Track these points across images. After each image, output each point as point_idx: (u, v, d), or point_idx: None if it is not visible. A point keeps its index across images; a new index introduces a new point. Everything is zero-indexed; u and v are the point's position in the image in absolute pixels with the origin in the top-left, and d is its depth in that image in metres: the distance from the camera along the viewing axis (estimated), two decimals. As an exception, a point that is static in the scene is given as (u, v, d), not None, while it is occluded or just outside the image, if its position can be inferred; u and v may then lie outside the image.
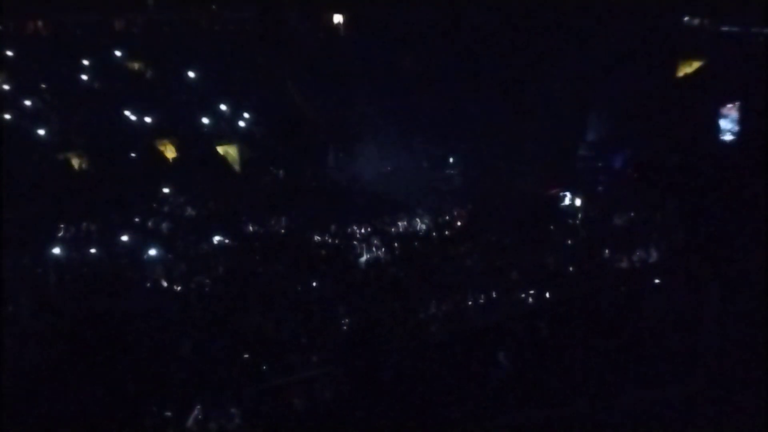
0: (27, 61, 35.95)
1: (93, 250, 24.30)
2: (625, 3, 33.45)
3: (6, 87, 34.51)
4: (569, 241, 23.22)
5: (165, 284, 21.34)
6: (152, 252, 23.21)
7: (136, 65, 39.21)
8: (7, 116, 32.48)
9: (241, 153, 35.18)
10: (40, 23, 39.44)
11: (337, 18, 45.31)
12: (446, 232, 25.09)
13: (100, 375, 5.11)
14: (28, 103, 33.66)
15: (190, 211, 28.07)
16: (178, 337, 17.00)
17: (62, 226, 25.67)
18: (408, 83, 36.63)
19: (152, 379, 14.77)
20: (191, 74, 38.12)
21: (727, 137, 28.39)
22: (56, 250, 24.10)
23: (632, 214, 24.76)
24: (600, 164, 28.73)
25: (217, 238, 24.66)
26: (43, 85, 35.38)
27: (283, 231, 25.95)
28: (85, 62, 37.03)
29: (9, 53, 35.95)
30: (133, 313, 18.60)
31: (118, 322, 17.20)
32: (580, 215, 25.83)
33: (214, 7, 42.90)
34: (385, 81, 35.89)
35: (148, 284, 21.58)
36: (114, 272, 22.29)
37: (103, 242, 24.74)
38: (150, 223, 26.42)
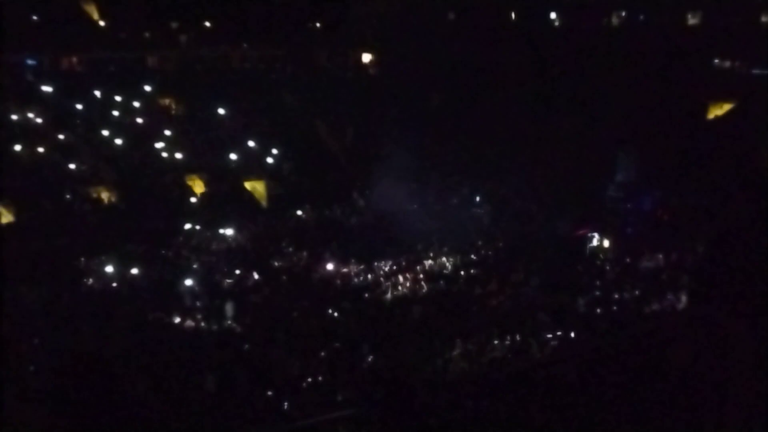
0: (61, 95, 36.59)
1: (120, 283, 24.41)
2: (656, 45, 33.45)
3: (40, 120, 35.11)
4: (597, 283, 22.90)
5: (190, 319, 21.34)
6: (178, 286, 23.25)
7: (167, 101, 39.80)
8: (40, 149, 32.97)
9: (269, 189, 35.34)
10: (74, 59, 40.22)
11: (366, 56, 45.73)
12: (473, 271, 24.87)
13: (120, 409, 4.99)
14: (60, 136, 34.15)
15: (216, 245, 28.13)
16: (201, 373, 16.95)
17: (90, 258, 25.83)
18: (435, 121, 36.72)
19: (175, 414, 14.69)
20: (221, 111, 38.54)
21: (757, 180, 28.01)
22: (84, 282, 24.27)
23: (661, 257, 24.42)
24: (629, 206, 28.40)
25: (243, 273, 24.65)
26: (76, 120, 35.94)
27: (309, 267, 25.88)
28: (118, 98, 37.61)
29: (44, 88, 36.61)
30: (157, 347, 18.61)
31: (141, 356, 17.21)
32: (608, 257, 25.49)
33: (245, 45, 43.51)
34: (413, 119, 35.99)
35: (173, 318, 21.59)
36: (139, 306, 22.34)
37: (130, 276, 24.85)
38: (177, 258, 26.50)
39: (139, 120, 37.22)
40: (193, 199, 33.05)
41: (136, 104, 38.16)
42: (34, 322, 19.84)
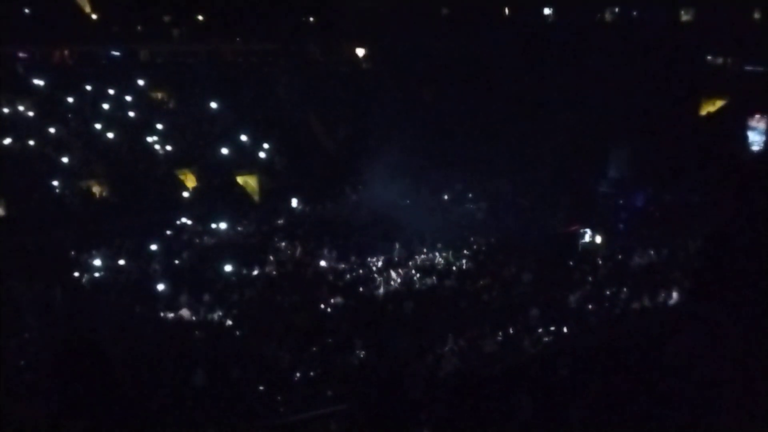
0: (52, 89, 36.36)
1: (111, 277, 24.31)
2: (648, 42, 33.48)
3: (31, 114, 34.91)
4: (589, 278, 22.95)
5: (181, 313, 21.26)
6: (169, 281, 23.14)
7: (159, 95, 39.64)
8: (31, 142, 32.79)
9: (261, 183, 35.27)
10: (66, 52, 39.99)
11: (359, 51, 45.68)
12: (465, 267, 24.89)
13: (111, 403, 4.94)
14: (52, 130, 33.96)
15: (208, 240, 28.05)
16: (192, 367, 16.89)
17: (82, 252, 25.71)
18: (429, 116, 36.69)
19: (165, 409, 14.65)
20: (213, 105, 38.42)
21: (750, 177, 28.07)
22: (75, 276, 24.16)
23: (653, 253, 24.50)
24: (621, 202, 28.48)
25: (234, 268, 24.57)
26: (68, 113, 35.74)
27: (300, 262, 25.82)
28: (110, 91, 37.41)
29: (35, 81, 36.39)
30: (148, 342, 18.54)
31: (131, 350, 17.14)
32: (600, 253, 25.53)
33: (237, 39, 43.35)
34: (406, 114, 35.94)
35: (164, 313, 21.51)
36: (130, 300, 22.25)
37: (121, 270, 24.75)
38: (168, 252, 26.38)
39: (131, 114, 37.03)
40: (185, 193, 32.93)
41: (128, 98, 37.95)
42: (24, 316, 19.76)
